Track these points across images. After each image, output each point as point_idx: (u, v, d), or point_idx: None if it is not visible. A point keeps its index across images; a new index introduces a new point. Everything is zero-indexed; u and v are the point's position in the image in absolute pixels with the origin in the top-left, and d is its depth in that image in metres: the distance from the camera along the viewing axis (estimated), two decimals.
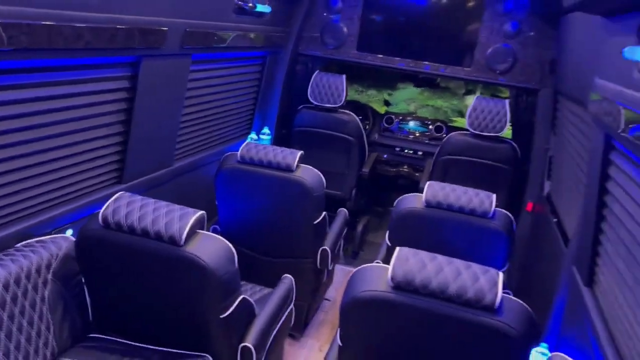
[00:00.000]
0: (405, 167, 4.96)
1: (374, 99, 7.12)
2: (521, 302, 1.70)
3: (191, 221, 1.87)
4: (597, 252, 2.06)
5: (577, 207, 2.74)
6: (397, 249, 1.76)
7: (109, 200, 1.93)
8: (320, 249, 3.02)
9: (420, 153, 4.91)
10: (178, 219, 1.86)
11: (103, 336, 2.04)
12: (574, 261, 2.30)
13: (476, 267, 1.65)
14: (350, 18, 4.24)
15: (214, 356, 1.99)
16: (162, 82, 2.57)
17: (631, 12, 1.80)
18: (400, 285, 1.63)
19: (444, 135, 4.84)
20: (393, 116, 5.08)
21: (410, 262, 1.66)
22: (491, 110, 3.80)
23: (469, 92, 6.93)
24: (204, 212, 1.97)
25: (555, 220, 3.23)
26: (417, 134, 4.99)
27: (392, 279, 1.64)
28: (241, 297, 2.00)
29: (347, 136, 4.19)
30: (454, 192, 2.60)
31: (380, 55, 4.25)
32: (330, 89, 4.12)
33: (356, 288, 1.70)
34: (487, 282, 1.59)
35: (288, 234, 2.96)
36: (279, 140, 4.32)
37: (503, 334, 1.55)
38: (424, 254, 1.71)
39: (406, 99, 7.05)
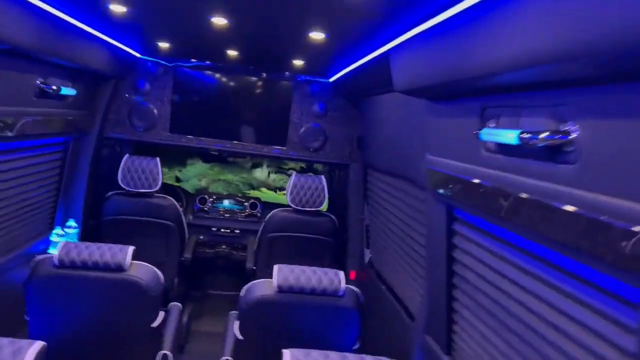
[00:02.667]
0: (224, 246, 4.82)
1: (166, 176, 6.94)
2: None
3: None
4: (452, 319, 2.17)
5: (409, 273, 2.92)
6: None
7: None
8: (160, 354, 2.68)
9: (237, 231, 4.84)
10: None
11: None
12: (428, 331, 2.41)
13: None
14: (160, 100, 4.09)
15: None
16: None
17: (458, 98, 2.03)
18: None
19: (259, 212, 4.86)
20: (206, 196, 4.94)
21: None
22: (310, 187, 3.93)
23: (256, 165, 7.17)
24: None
25: (384, 287, 3.40)
26: (233, 212, 4.92)
27: None
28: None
29: (165, 221, 3.92)
30: (303, 273, 2.55)
31: (195, 137, 4.14)
32: (144, 173, 3.84)
33: None
34: None
35: (121, 344, 2.57)
36: (88, 232, 3.83)
37: None
38: None
39: (197, 174, 7.01)
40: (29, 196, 3.07)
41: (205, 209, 4.90)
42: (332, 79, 3.94)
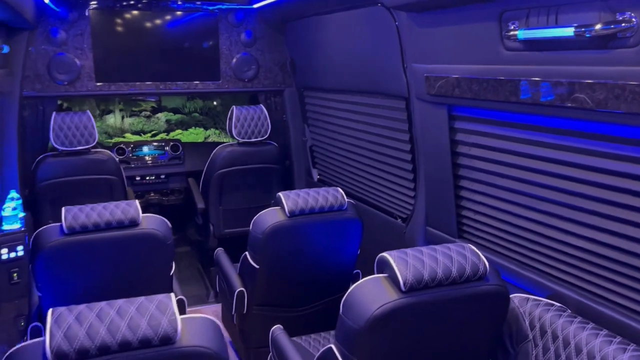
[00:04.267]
0: (152, 193, 4.70)
1: None
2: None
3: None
4: (460, 206, 2.48)
5: (385, 178, 3.16)
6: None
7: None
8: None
9: (163, 176, 4.72)
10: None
11: None
12: (430, 223, 2.70)
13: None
14: (80, 48, 3.74)
15: None
16: None
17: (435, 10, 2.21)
18: (413, 287, 1.68)
19: (181, 153, 4.76)
20: (123, 146, 4.68)
21: (409, 262, 1.71)
22: (253, 117, 3.93)
23: (108, 112, 6.77)
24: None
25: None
26: (155, 158, 4.75)
27: (404, 283, 1.66)
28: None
29: (108, 176, 3.70)
30: (308, 195, 2.67)
31: (126, 83, 3.88)
32: (79, 129, 3.55)
33: (366, 306, 1.66)
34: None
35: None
36: (25, 202, 3.50)
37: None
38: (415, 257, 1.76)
39: None
40: None
41: (125, 159, 4.66)
42: (256, 5, 3.87)
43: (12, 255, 2.86)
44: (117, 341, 1.35)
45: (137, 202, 2.45)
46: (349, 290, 1.76)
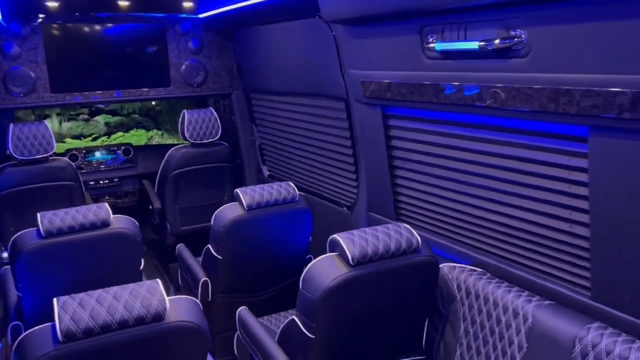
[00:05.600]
0: (107, 197, 4.85)
1: None
2: None
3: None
4: (397, 192, 2.84)
5: (330, 171, 3.49)
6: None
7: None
8: None
9: (116, 180, 4.89)
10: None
11: None
12: (372, 209, 3.05)
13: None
14: (34, 62, 3.89)
15: None
16: None
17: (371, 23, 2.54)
18: (360, 261, 2.01)
19: (133, 156, 4.93)
20: (76, 152, 4.80)
21: (356, 241, 2.04)
22: (204, 120, 4.17)
23: (44, 117, 6.71)
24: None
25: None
26: (107, 161, 4.90)
27: (352, 258, 1.99)
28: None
29: (68, 182, 3.86)
30: (262, 190, 2.96)
31: (80, 92, 4.05)
32: (37, 139, 3.69)
33: (322, 280, 1.98)
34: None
35: None
36: None
37: None
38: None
39: None
40: None
41: (78, 165, 4.79)
42: (202, 15, 4.11)
43: None
44: (117, 321, 1.61)
45: (107, 204, 2.67)
46: (306, 268, 2.07)
